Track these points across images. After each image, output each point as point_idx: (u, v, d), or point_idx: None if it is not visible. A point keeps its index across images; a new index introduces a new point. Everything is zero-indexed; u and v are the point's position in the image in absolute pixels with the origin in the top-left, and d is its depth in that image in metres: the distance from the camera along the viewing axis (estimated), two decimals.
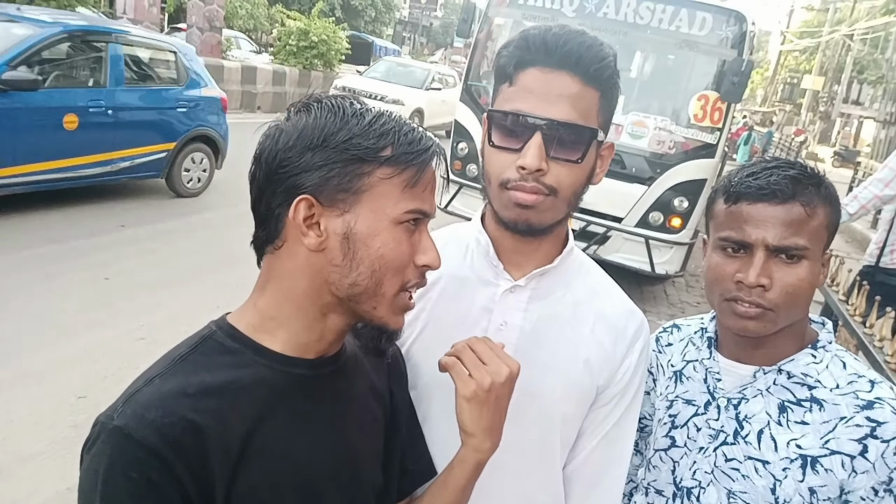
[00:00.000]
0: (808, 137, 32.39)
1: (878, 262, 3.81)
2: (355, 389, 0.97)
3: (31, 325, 4.11)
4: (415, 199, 0.85)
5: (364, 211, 0.83)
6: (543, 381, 1.08)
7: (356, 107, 0.85)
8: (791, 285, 1.08)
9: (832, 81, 37.70)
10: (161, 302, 4.74)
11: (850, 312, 2.71)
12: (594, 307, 1.12)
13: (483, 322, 1.10)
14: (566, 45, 0.98)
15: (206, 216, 6.87)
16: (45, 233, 5.58)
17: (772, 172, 1.10)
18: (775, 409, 1.13)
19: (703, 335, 1.26)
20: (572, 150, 1.00)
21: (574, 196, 1.04)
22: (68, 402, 3.41)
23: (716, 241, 1.16)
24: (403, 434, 1.05)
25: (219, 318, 0.90)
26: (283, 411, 0.85)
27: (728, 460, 1.14)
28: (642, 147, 5.96)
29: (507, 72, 1.02)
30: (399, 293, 0.87)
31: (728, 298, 1.12)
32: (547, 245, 1.10)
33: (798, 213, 1.08)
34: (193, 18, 14.11)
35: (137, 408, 0.76)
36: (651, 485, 1.25)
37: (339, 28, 17.84)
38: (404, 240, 0.85)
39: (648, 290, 7.06)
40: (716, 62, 5.82)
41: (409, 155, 0.84)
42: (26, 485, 2.84)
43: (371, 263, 0.84)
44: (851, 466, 1.05)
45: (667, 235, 5.93)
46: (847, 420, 1.07)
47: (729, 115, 5.91)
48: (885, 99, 30.59)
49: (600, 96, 1.02)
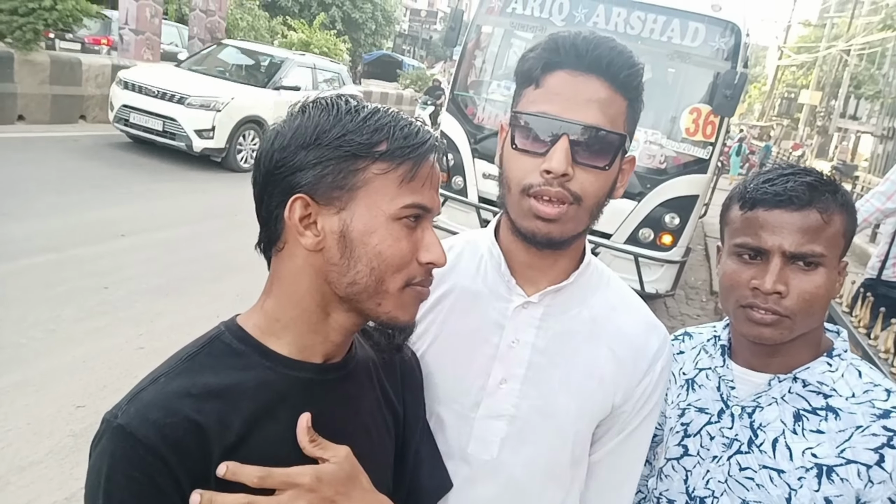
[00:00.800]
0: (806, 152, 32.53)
1: (880, 275, 3.81)
2: (364, 396, 0.95)
3: (31, 334, 4.08)
4: (412, 193, 0.83)
5: (360, 208, 0.82)
6: (557, 401, 1.05)
7: (351, 104, 0.85)
8: (808, 292, 1.07)
9: (829, 96, 37.91)
10: (161, 311, 4.71)
11: (853, 324, 2.71)
12: (613, 324, 1.08)
13: (494, 338, 1.06)
14: (597, 49, 0.95)
15: (206, 225, 6.86)
16: (44, 242, 5.55)
17: (788, 179, 1.10)
18: (790, 418, 1.12)
19: (717, 343, 1.26)
20: (600, 157, 0.96)
21: (597, 206, 1.00)
22: (67, 410, 3.38)
23: (731, 248, 1.15)
24: (416, 445, 1.02)
25: (229, 319, 0.90)
26: (285, 415, 0.84)
27: (742, 469, 1.13)
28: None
29: (534, 74, 0.99)
30: (405, 288, 0.85)
31: (744, 305, 1.11)
32: (564, 260, 1.06)
33: (815, 219, 1.07)
34: (195, 30, 14.17)
35: (141, 407, 0.77)
36: (663, 494, 1.24)
37: (339, 41, 17.93)
38: (403, 236, 0.83)
39: (648, 303, 7.04)
40: (709, 74, 5.69)
41: (405, 149, 0.83)
42: (25, 494, 2.80)
43: (369, 261, 0.82)
44: (868, 476, 1.03)
45: (657, 253, 5.74)
46: (863, 429, 1.06)
47: (722, 130, 5.78)
48: (882, 114, 30.75)
49: (628, 105, 0.99)
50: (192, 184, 8.52)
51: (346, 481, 0.83)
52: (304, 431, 0.82)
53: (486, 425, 1.05)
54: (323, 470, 0.81)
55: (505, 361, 1.05)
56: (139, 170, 8.59)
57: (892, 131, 28.75)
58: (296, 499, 0.79)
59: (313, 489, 0.80)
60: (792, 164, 1.17)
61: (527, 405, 1.05)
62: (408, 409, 1.03)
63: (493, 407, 1.05)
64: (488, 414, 1.05)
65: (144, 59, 12.29)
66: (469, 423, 1.06)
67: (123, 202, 7.11)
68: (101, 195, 7.01)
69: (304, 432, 0.82)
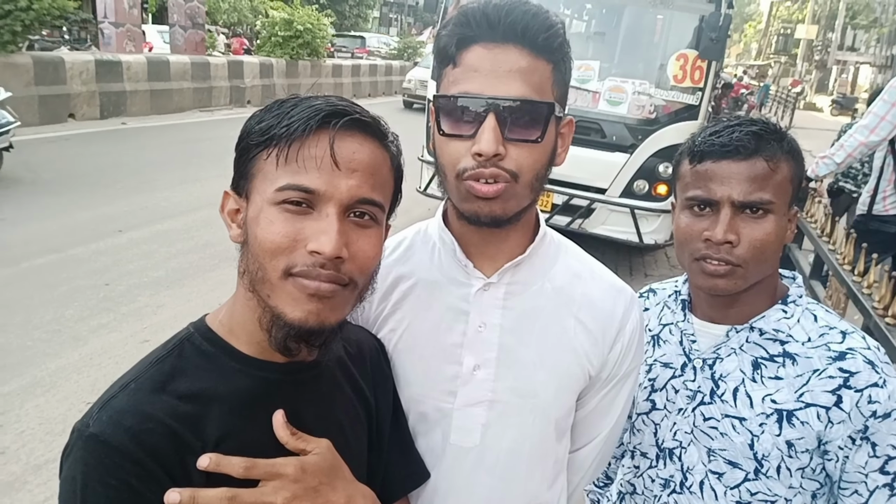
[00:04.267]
0: (805, 87, 32.07)
1: (871, 209, 3.79)
2: (337, 393, 0.95)
3: (36, 336, 4.15)
4: (291, 175, 0.78)
5: (254, 195, 0.82)
6: (534, 380, 1.04)
7: (288, 101, 0.84)
8: (758, 240, 1.09)
9: (825, 29, 37.25)
10: (163, 303, 4.77)
11: (839, 262, 2.71)
12: (578, 292, 1.06)
13: (460, 326, 1.04)
14: (510, 15, 0.90)
15: (201, 214, 6.88)
16: (43, 243, 5.59)
17: (734, 130, 1.11)
18: (749, 367, 1.14)
19: (678, 298, 1.27)
20: (530, 130, 0.92)
21: (537, 180, 0.96)
22: (78, 408, 3.45)
23: (683, 202, 1.16)
24: (389, 436, 1.02)
25: (198, 320, 0.90)
26: (260, 417, 0.84)
27: (706, 419, 1.16)
28: (622, 113, 5.80)
29: (449, 53, 0.94)
30: (285, 279, 0.79)
31: (697, 258, 1.12)
32: (517, 234, 1.04)
33: (762, 167, 1.08)
34: (175, 17, 14.01)
35: (114, 414, 0.76)
36: (636, 448, 1.27)
37: (322, 15, 17.68)
38: (278, 220, 0.79)
39: (651, 255, 7.04)
40: (693, 18, 5.61)
41: (281, 128, 0.79)
42: (42, 492, 2.88)
43: (254, 248, 0.81)
44: (827, 417, 1.06)
45: (653, 204, 5.73)
46: (820, 372, 1.08)
47: (710, 74, 5.74)
48: (880, 43, 30.19)
49: (553, 68, 0.94)
50: (184, 175, 8.52)
51: (329, 471, 0.84)
52: (282, 427, 0.83)
53: (465, 414, 1.04)
54: (307, 461, 0.82)
55: (474, 348, 1.04)
56: (130, 165, 8.59)
57: (891, 59, 28.26)
58: (280, 489, 0.78)
59: (297, 479, 0.80)
60: (738, 115, 1.18)
61: (504, 388, 1.04)
62: (379, 401, 1.02)
63: (470, 395, 1.04)
64: (466, 402, 1.04)
65: (127, 51, 12.20)
66: (448, 413, 1.05)
67: (118, 198, 7.13)
68: (96, 193, 7.04)
69: (282, 427, 0.83)
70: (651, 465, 1.24)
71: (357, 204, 0.81)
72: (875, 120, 3.48)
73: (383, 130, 0.87)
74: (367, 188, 0.82)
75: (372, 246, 0.84)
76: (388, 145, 0.87)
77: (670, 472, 1.20)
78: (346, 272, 0.80)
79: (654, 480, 1.23)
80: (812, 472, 1.09)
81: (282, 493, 0.79)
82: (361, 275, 0.83)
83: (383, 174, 0.86)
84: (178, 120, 12.42)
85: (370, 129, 0.84)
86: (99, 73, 10.99)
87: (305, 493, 0.80)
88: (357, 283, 0.83)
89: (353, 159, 0.81)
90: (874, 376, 1.04)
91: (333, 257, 0.77)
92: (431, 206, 7.00)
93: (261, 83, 15.43)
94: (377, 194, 0.83)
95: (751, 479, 1.11)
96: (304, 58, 17.14)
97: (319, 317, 0.80)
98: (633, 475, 1.28)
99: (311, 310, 0.79)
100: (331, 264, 0.78)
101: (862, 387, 1.04)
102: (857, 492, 1.06)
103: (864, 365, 1.05)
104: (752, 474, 1.11)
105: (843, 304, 2.82)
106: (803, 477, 1.09)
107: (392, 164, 0.88)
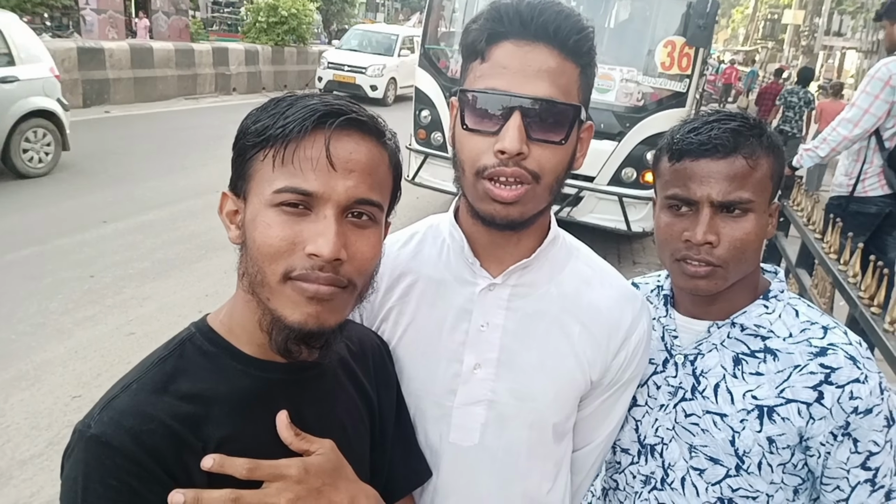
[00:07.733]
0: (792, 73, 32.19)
1: (854, 192, 3.79)
2: (339, 393, 0.95)
3: (20, 329, 4.11)
4: (288, 177, 0.78)
5: (251, 197, 0.82)
6: (534, 385, 1.04)
7: (284, 100, 0.82)
8: (738, 240, 1.08)
9: (812, 14, 37.30)
10: (149, 295, 4.74)
11: (825, 251, 2.73)
12: (585, 299, 1.06)
13: (463, 324, 1.04)
14: (542, 14, 0.90)
15: (186, 204, 6.83)
16: (26, 235, 5.54)
17: (712, 126, 1.09)
18: (730, 363, 1.14)
19: (660, 293, 1.27)
20: (555, 131, 0.92)
21: (556, 182, 0.95)
22: (63, 402, 3.43)
23: (663, 200, 1.15)
24: (391, 434, 1.02)
25: (199, 320, 0.89)
26: (262, 417, 0.83)
27: (688, 416, 1.16)
28: (609, 101, 5.81)
29: (478, 47, 0.93)
30: (284, 282, 0.79)
31: (678, 259, 1.12)
32: (528, 237, 1.03)
33: (741, 166, 1.07)
34: (158, 3, 13.83)
35: (115, 415, 0.76)
36: (618, 444, 1.27)
37: (308, 0, 17.50)
38: (276, 223, 0.78)
39: (639, 242, 7.06)
40: (681, 4, 5.63)
41: (277, 128, 0.78)
42: (28, 487, 2.87)
43: (252, 251, 0.80)
44: (808, 413, 1.06)
45: (641, 191, 5.76)
46: (801, 368, 1.08)
47: (698, 61, 5.76)
48: (866, 28, 30.30)
49: (580, 72, 0.94)
50: (170, 164, 8.44)
51: (333, 472, 0.84)
52: (286, 427, 0.83)
53: (464, 412, 1.04)
54: (310, 461, 0.82)
55: (476, 347, 1.04)
56: (115, 154, 8.51)
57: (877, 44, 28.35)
58: (284, 490, 0.78)
59: (301, 480, 0.80)
60: (718, 110, 1.17)
61: (503, 389, 1.04)
62: (382, 399, 1.02)
63: (469, 394, 1.04)
64: (466, 401, 1.04)
65: (109, 38, 12.05)
66: (448, 411, 1.05)
67: (102, 188, 7.07)
68: (80, 183, 6.97)
69: (286, 428, 0.83)
70: (633, 461, 1.24)
71: (355, 204, 0.81)
72: (858, 113, 3.47)
73: (380, 128, 0.86)
74: (364, 188, 0.81)
75: (371, 247, 0.84)
76: (386, 143, 0.87)
77: (651, 469, 1.21)
78: (345, 274, 0.80)
79: (636, 477, 1.23)
80: (793, 468, 1.10)
81: (285, 495, 0.79)
82: (360, 276, 0.83)
83: (381, 173, 0.85)
84: (163, 108, 12.29)
85: (367, 127, 0.83)
86: (81, 60, 10.84)
87: (309, 493, 0.80)
88: (356, 284, 0.83)
89: (349, 159, 0.80)
90: (856, 372, 1.04)
91: (332, 259, 0.77)
92: (420, 195, 6.98)
93: (246, 70, 15.27)
94: (375, 194, 0.83)
95: (732, 475, 1.12)
96: (290, 44, 16.98)
97: (319, 319, 0.80)
98: (615, 471, 1.29)
99: (311, 312, 0.79)
100: (329, 266, 0.78)
101: (843, 383, 1.04)
102: (839, 487, 1.07)
103: (845, 361, 1.05)
104: (733, 470, 1.11)
105: (830, 293, 2.84)
106: (785, 472, 1.10)
107: (390, 161, 0.87)
